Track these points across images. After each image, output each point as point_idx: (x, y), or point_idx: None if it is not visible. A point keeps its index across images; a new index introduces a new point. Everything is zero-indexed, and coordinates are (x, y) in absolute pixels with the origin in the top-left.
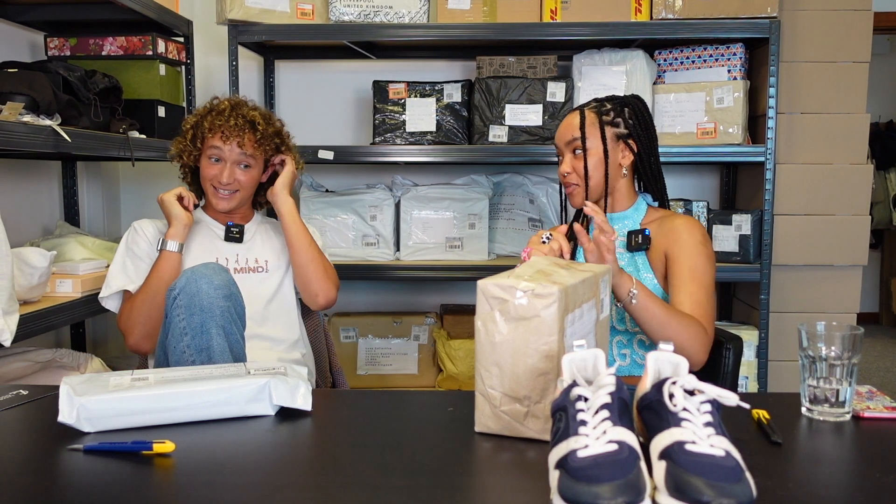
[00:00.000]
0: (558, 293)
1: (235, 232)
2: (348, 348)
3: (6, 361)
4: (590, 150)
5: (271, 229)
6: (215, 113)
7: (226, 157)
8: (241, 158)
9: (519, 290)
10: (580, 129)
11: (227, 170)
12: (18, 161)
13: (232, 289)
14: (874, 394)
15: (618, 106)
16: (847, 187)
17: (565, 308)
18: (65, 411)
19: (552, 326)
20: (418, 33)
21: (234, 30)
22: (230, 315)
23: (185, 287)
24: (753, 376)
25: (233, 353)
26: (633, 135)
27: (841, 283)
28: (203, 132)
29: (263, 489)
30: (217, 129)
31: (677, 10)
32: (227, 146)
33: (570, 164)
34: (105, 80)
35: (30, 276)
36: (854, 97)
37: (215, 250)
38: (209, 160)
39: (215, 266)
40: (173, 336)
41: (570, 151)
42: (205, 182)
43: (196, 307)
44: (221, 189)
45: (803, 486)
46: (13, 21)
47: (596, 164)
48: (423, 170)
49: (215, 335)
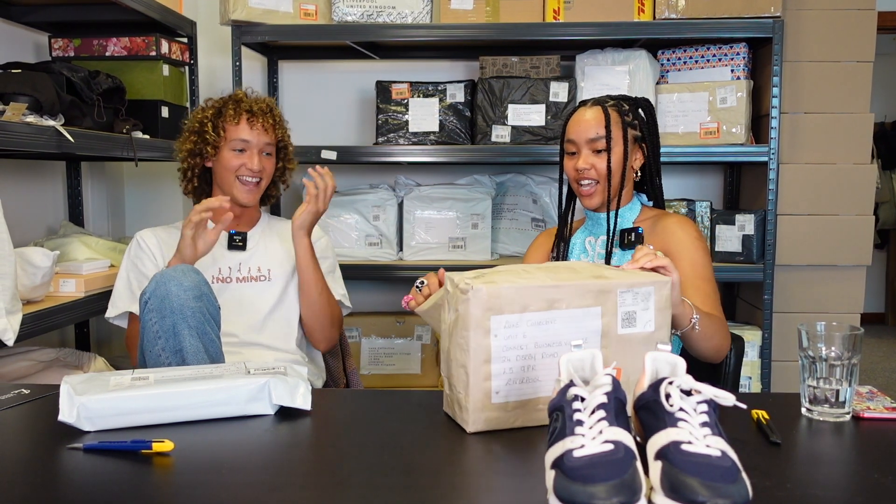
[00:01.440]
0: (474, 293)
1: (238, 240)
2: (352, 348)
3: (10, 361)
4: (613, 149)
5: (276, 234)
6: (234, 101)
7: (252, 144)
8: (265, 145)
9: (460, 284)
10: (606, 127)
11: (256, 157)
12: (23, 161)
13: (203, 289)
14: (875, 394)
15: (633, 107)
16: (851, 187)
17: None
18: (65, 410)
19: (466, 322)
20: (421, 33)
21: (237, 30)
22: (202, 315)
23: (154, 291)
24: (757, 377)
25: (208, 353)
26: (646, 138)
27: (845, 283)
28: (224, 122)
29: (261, 488)
30: (241, 116)
31: (680, 10)
32: (254, 132)
33: (590, 160)
34: (108, 80)
35: (33, 275)
36: (858, 97)
37: (216, 259)
38: (233, 151)
39: (184, 268)
40: (148, 340)
41: (590, 148)
42: (228, 174)
43: (167, 309)
44: (249, 178)
45: (801, 486)
46: (18, 22)
47: (618, 165)
48: (426, 170)
49: (187, 336)
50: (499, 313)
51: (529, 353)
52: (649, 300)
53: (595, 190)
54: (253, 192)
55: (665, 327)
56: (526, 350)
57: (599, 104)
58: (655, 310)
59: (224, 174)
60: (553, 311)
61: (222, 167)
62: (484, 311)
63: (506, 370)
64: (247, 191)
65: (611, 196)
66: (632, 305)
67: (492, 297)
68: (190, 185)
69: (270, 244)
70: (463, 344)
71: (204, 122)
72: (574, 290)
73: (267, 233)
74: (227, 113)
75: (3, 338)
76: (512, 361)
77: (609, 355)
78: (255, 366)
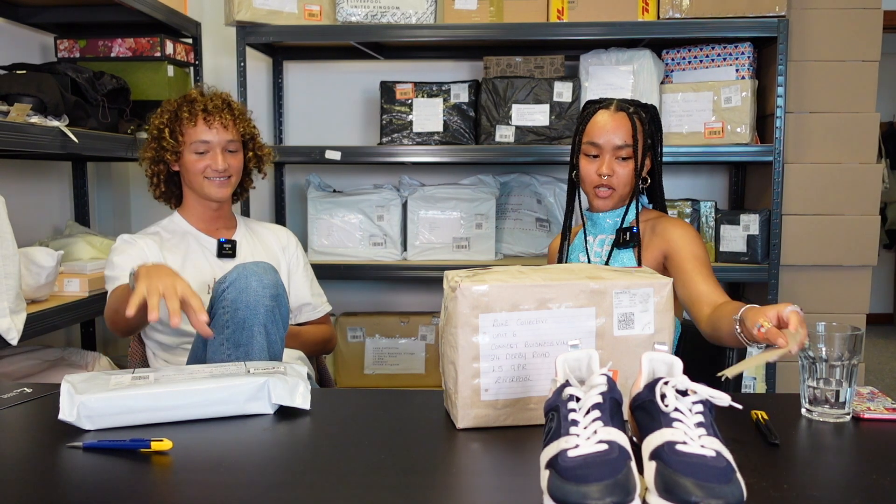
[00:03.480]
0: (462, 290)
1: (228, 248)
2: (355, 348)
3: (16, 360)
4: (639, 159)
5: (257, 239)
6: (188, 102)
7: (213, 143)
8: (228, 143)
9: (451, 282)
10: (633, 136)
11: (219, 156)
12: (30, 162)
13: (279, 290)
14: (876, 395)
15: (647, 115)
16: (857, 187)
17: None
18: (65, 409)
19: (455, 319)
20: (425, 34)
21: (241, 31)
22: (273, 316)
23: (234, 281)
24: (762, 377)
25: (270, 353)
26: (654, 146)
27: (850, 283)
28: (181, 126)
29: (257, 488)
30: (197, 117)
31: (685, 10)
32: (213, 131)
33: (613, 166)
34: (113, 81)
35: (37, 275)
36: (864, 96)
37: (210, 269)
38: (193, 155)
39: (266, 265)
40: (214, 327)
41: (615, 155)
42: (195, 177)
43: (242, 303)
44: (216, 177)
45: (798, 487)
46: (24, 23)
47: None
48: (430, 170)
49: (257, 333)
50: (487, 311)
51: (520, 352)
52: (648, 302)
53: (610, 194)
54: (224, 187)
55: (666, 329)
56: (516, 349)
57: (623, 111)
58: (655, 312)
59: (191, 177)
60: (544, 310)
61: (187, 170)
62: (472, 309)
63: (495, 368)
64: (217, 185)
65: (627, 203)
66: (629, 307)
67: (480, 294)
68: (158, 190)
69: (255, 248)
70: (452, 341)
71: (161, 128)
72: (566, 290)
73: (250, 239)
74: (182, 116)
75: (7, 337)
76: (502, 360)
77: (606, 357)
78: (254, 365)
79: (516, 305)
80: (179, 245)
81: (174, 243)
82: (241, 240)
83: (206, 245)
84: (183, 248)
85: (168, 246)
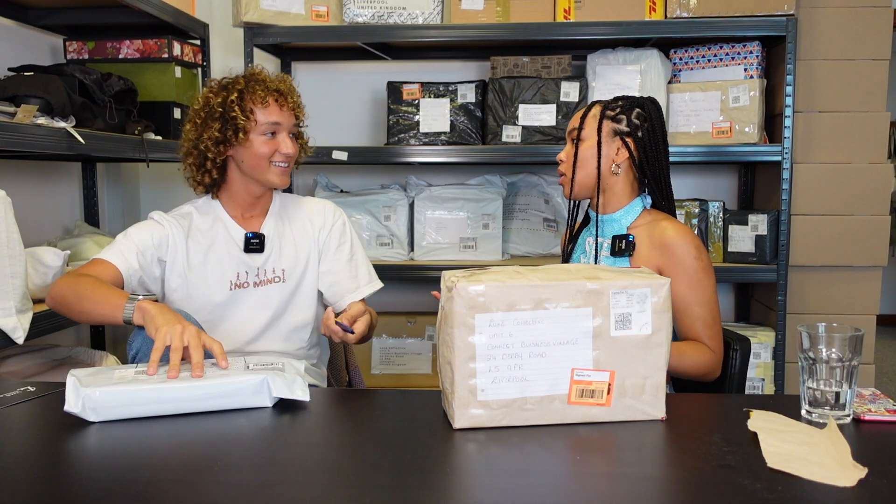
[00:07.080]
0: (458, 290)
1: (255, 244)
2: (363, 348)
3: (23, 359)
4: (583, 140)
5: (289, 226)
6: (257, 80)
7: (284, 126)
8: (293, 127)
9: (447, 282)
10: (581, 118)
11: (288, 140)
12: (39, 163)
13: None
14: (877, 396)
15: (627, 104)
16: (866, 187)
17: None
18: (71, 401)
19: (451, 319)
20: (432, 34)
21: (249, 32)
22: None
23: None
24: (770, 378)
25: None
26: (633, 134)
27: (860, 284)
28: (251, 105)
29: (249, 487)
30: (270, 96)
31: (692, 9)
32: (284, 113)
33: (566, 151)
34: (120, 82)
35: (44, 274)
36: (873, 95)
37: (234, 265)
38: (263, 136)
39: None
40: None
41: (570, 141)
42: (259, 161)
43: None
44: (282, 162)
45: (793, 489)
46: (34, 25)
47: (587, 156)
48: (437, 170)
49: None
50: (483, 311)
51: (517, 353)
52: (645, 302)
53: (563, 180)
54: (287, 174)
55: (664, 329)
56: (513, 349)
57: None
58: (653, 312)
59: (255, 161)
60: (541, 310)
61: (252, 154)
62: (468, 309)
63: (491, 368)
64: (282, 172)
65: (573, 187)
66: (626, 307)
67: (476, 295)
68: (209, 177)
69: (284, 240)
70: (448, 341)
71: (229, 105)
72: (563, 290)
73: (279, 226)
74: (255, 94)
75: (13, 336)
76: (498, 360)
77: (603, 357)
78: (254, 361)
79: (513, 306)
80: (207, 233)
81: (203, 230)
82: (269, 233)
83: (235, 237)
84: (210, 238)
85: (195, 234)
